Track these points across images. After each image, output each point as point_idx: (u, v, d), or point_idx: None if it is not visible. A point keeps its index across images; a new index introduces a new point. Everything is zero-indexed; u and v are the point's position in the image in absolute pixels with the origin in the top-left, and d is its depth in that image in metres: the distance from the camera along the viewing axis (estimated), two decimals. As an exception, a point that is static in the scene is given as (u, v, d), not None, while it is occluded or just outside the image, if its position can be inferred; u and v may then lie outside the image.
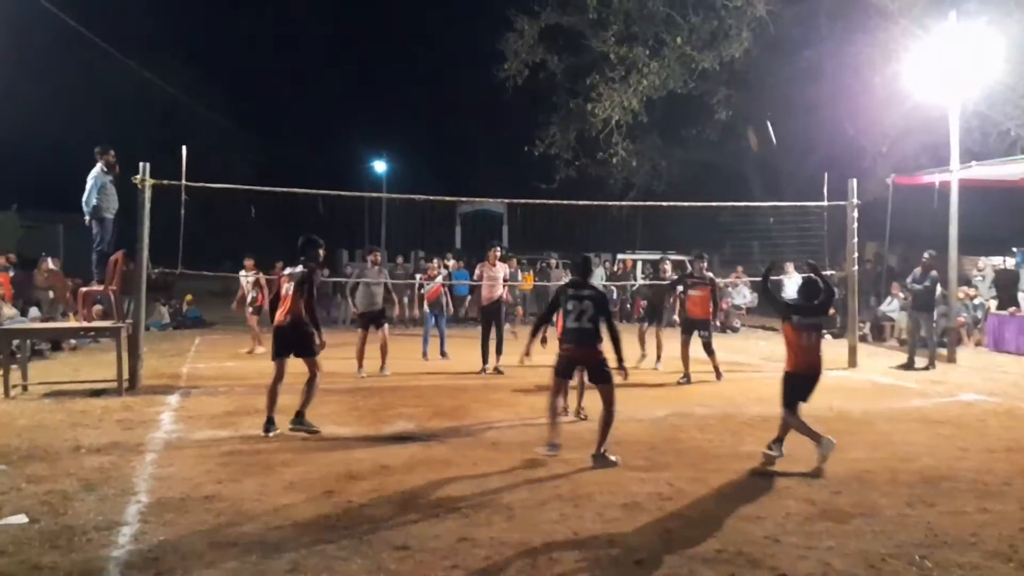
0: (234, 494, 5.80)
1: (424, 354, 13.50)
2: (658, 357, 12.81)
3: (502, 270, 12.48)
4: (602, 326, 7.02)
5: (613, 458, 6.82)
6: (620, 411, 7.41)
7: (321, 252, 8.40)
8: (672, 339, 12.61)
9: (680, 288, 12.24)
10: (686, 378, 11.49)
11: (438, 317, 13.66)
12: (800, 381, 6.99)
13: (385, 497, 5.77)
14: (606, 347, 7.01)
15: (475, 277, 12.61)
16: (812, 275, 7.34)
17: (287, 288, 8.07)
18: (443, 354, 13.55)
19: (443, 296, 13.72)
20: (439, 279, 13.93)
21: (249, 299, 14.62)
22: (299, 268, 8.11)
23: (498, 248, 12.73)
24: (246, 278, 14.66)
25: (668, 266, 13.68)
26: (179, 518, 5.26)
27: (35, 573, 4.34)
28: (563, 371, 7.17)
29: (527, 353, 7.54)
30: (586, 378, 7.94)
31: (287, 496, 5.77)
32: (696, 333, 11.73)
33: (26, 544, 4.75)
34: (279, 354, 7.99)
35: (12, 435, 7.59)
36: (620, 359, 7.02)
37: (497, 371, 11.95)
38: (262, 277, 14.61)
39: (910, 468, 6.76)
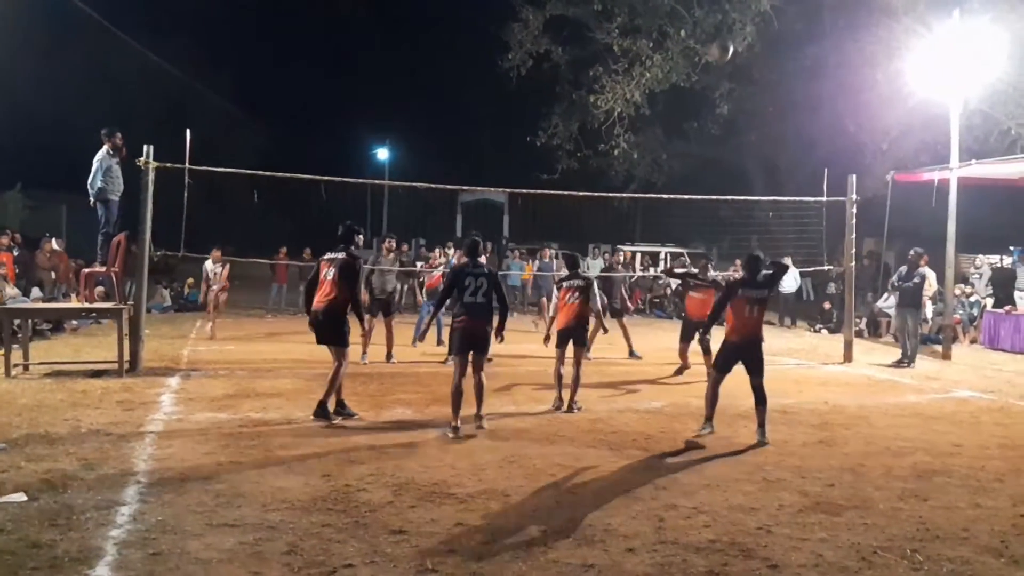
0: (233, 476, 5.84)
1: (414, 341, 13.42)
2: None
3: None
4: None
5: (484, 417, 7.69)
6: (616, 401, 7.54)
7: (360, 239, 8.65)
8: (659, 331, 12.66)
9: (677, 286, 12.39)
10: (680, 371, 11.61)
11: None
12: (732, 349, 7.69)
13: (382, 481, 5.82)
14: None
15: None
16: (757, 253, 8.03)
17: (326, 273, 8.02)
18: (440, 342, 13.58)
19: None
20: (441, 268, 13.96)
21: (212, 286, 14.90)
22: (340, 254, 8.10)
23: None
24: (213, 269, 14.88)
25: (620, 257, 13.85)
26: (178, 499, 5.30)
27: (34, 551, 4.38)
28: (461, 348, 7.74)
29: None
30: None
31: (285, 479, 5.82)
32: (698, 334, 11.65)
33: (25, 522, 4.79)
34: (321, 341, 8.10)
35: (13, 414, 7.63)
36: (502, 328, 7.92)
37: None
38: (226, 270, 15.15)
39: (903, 463, 6.81)
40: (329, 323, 7.93)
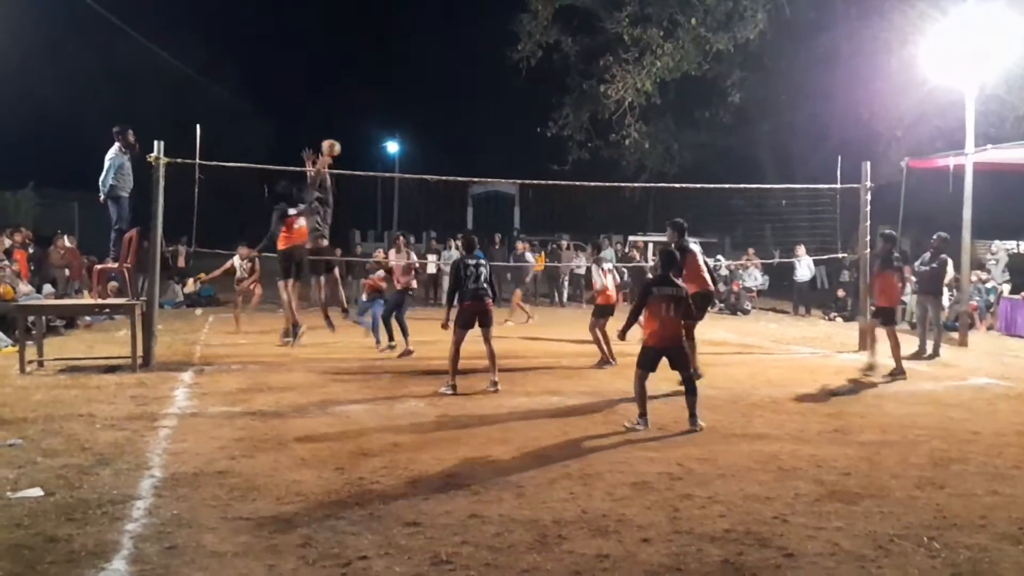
0: (247, 470, 5.86)
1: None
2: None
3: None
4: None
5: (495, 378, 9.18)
6: (629, 391, 7.57)
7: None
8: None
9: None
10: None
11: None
12: (653, 354, 7.46)
13: (396, 474, 5.82)
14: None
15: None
16: (672, 248, 8.18)
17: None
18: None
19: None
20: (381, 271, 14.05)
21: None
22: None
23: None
24: (242, 264, 14.91)
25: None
26: (192, 493, 5.32)
27: (50, 545, 4.40)
28: (467, 323, 9.20)
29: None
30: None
31: (299, 472, 5.83)
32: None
33: (42, 517, 4.81)
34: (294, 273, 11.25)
35: (28, 410, 7.67)
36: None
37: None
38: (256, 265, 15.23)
39: (920, 451, 6.76)
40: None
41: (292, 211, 11.22)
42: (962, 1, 14.20)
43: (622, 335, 7.97)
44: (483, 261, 9.35)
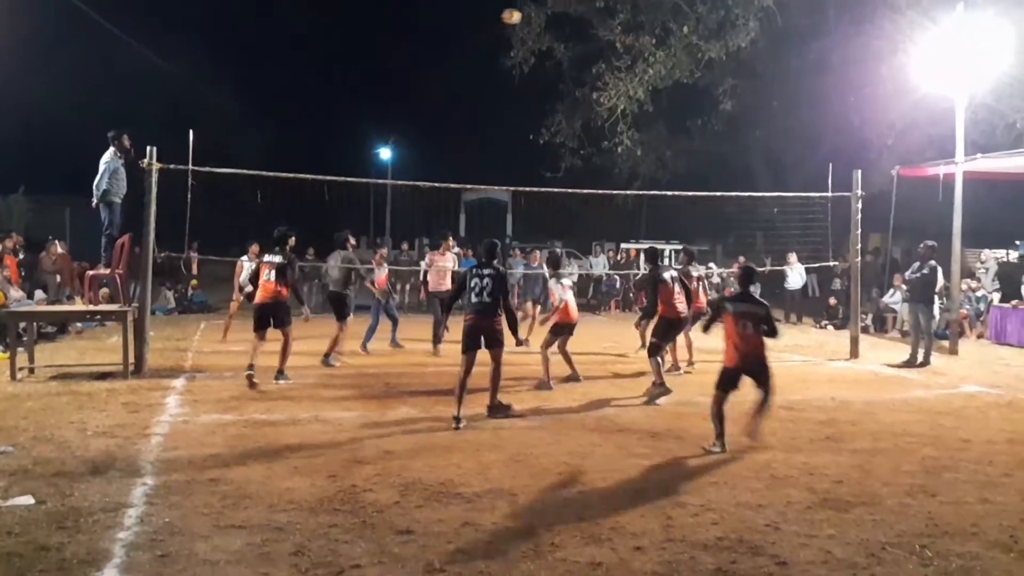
0: (239, 477, 5.84)
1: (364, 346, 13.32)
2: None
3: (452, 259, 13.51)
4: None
5: (507, 403, 8.22)
6: (621, 399, 7.57)
7: (293, 240, 10.27)
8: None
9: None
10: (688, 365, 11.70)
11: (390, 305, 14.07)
12: (733, 374, 7.20)
13: (389, 482, 5.81)
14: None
15: (425, 265, 13.47)
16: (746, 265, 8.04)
17: (267, 274, 9.79)
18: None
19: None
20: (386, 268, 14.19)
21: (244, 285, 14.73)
22: (278, 258, 9.82)
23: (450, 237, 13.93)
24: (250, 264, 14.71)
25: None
26: (185, 501, 5.30)
27: (42, 554, 4.38)
28: (470, 345, 8.03)
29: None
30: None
31: (292, 480, 5.82)
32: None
33: (33, 525, 4.80)
34: (262, 325, 9.88)
35: (19, 417, 7.65)
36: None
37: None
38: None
39: (911, 458, 6.79)
40: (274, 311, 9.84)
41: (272, 258, 10.04)
42: (952, 10, 14.28)
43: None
44: (495, 272, 8.09)
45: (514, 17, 12.98)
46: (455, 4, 44.58)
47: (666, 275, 10.06)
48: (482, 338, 7.99)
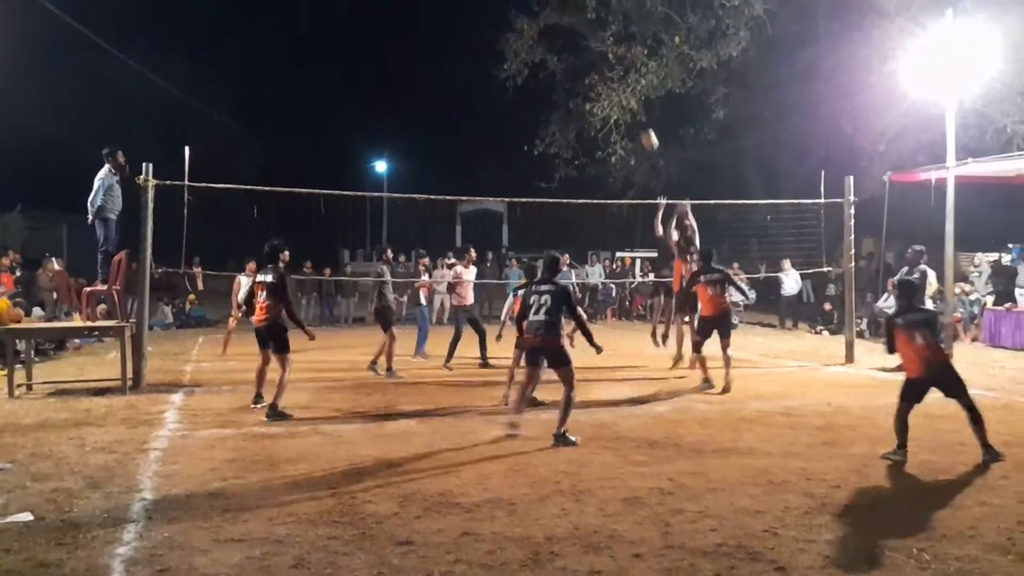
0: (238, 491, 5.85)
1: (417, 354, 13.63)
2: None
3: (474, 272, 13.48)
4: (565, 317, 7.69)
5: (573, 438, 7.39)
6: (620, 407, 7.57)
7: (286, 255, 9.53)
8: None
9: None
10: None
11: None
12: (918, 383, 7.15)
13: (388, 493, 5.82)
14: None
15: (452, 278, 13.29)
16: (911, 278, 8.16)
17: (262, 295, 8.99)
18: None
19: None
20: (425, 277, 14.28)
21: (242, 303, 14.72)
22: (269, 277, 9.04)
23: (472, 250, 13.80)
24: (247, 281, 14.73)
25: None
26: (184, 515, 5.31)
27: (41, 570, 4.38)
28: (532, 360, 7.85)
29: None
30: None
31: (291, 492, 5.83)
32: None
33: (32, 541, 4.80)
34: (263, 345, 9.15)
35: (17, 434, 7.65)
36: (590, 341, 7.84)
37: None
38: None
39: (909, 463, 6.80)
40: (271, 334, 8.99)
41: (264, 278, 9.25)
42: (941, 17, 14.36)
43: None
44: (553, 288, 7.69)
45: (652, 140, 13.24)
46: (449, 17, 44.78)
47: (703, 278, 10.87)
48: (544, 359, 7.76)
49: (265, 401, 8.91)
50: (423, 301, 13.82)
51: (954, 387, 6.99)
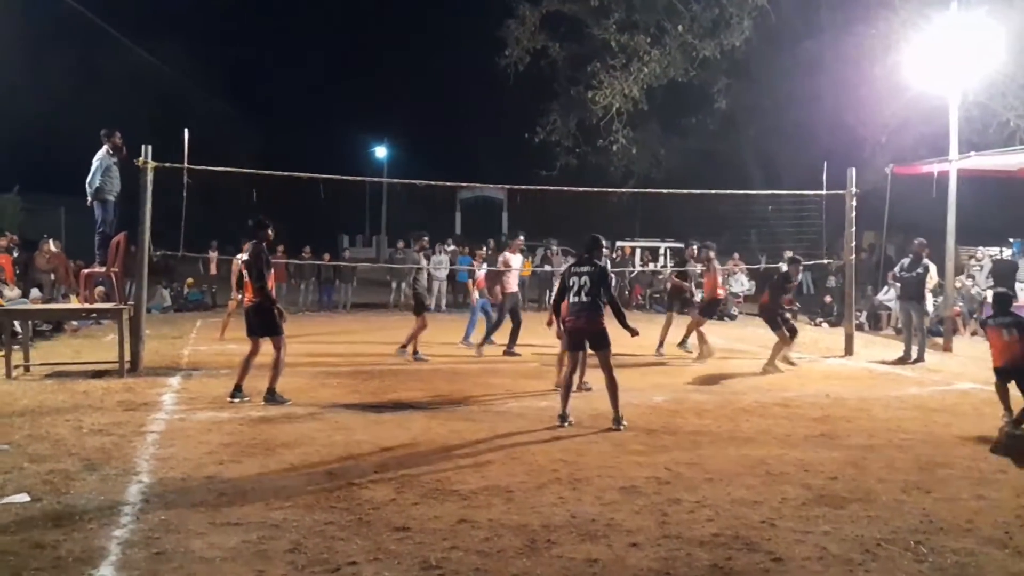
0: (235, 474, 5.84)
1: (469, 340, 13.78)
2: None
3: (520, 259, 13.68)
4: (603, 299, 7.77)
5: (625, 423, 7.59)
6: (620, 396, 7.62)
7: (270, 232, 8.99)
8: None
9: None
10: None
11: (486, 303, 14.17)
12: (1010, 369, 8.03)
13: (385, 479, 5.82)
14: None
15: (501, 264, 13.26)
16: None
17: (246, 275, 8.70)
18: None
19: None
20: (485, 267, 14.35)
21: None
22: (247, 255, 8.76)
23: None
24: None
25: (695, 251, 14.25)
26: (180, 498, 5.30)
27: (37, 551, 4.38)
28: (573, 344, 7.91)
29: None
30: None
31: (288, 477, 5.82)
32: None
33: (28, 523, 4.80)
34: (251, 333, 8.77)
35: (14, 415, 7.64)
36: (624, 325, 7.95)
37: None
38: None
39: (906, 455, 6.81)
40: (258, 317, 8.67)
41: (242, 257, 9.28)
42: (945, 9, 14.30)
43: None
44: (592, 268, 7.79)
45: None
46: (451, 3, 44.62)
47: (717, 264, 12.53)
48: (586, 341, 7.89)
49: (245, 396, 8.60)
50: (476, 296, 13.84)
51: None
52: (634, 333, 7.99)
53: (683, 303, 13.75)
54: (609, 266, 22.10)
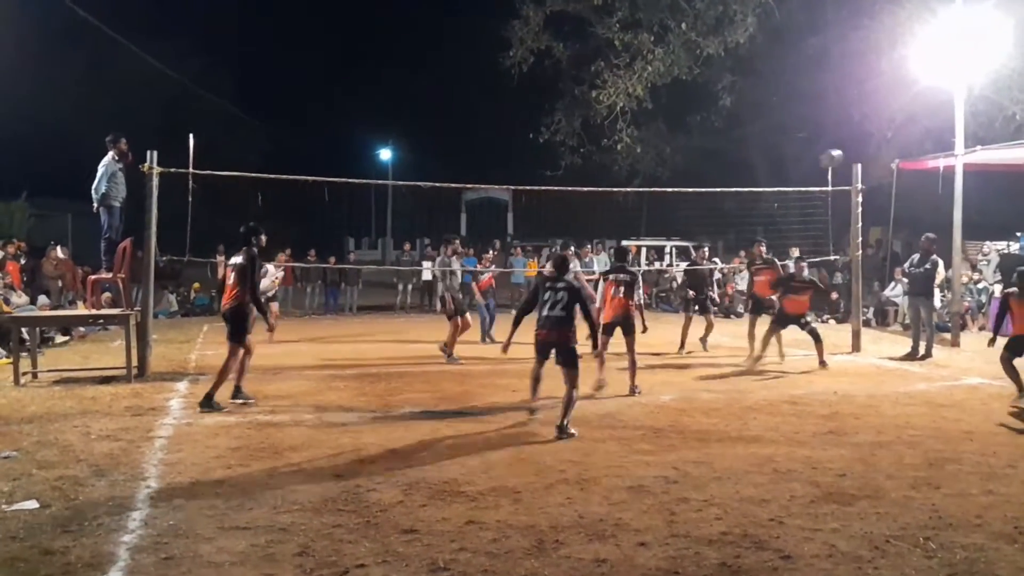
0: (243, 478, 5.85)
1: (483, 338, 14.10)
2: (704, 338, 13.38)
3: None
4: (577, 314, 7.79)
5: (573, 431, 7.34)
6: (624, 396, 7.61)
7: (263, 239, 8.98)
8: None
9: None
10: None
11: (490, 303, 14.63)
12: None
13: (392, 481, 5.82)
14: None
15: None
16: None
17: (231, 278, 8.64)
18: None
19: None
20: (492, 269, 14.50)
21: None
22: (240, 259, 8.63)
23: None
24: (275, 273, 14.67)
25: (706, 251, 14.29)
26: (189, 503, 5.31)
27: (46, 558, 4.39)
28: (541, 352, 7.88)
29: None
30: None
31: (296, 480, 5.82)
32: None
33: (37, 529, 4.80)
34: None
35: (23, 422, 7.66)
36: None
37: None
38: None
39: (915, 451, 6.78)
40: (232, 319, 8.66)
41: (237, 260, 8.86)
42: (951, 3, 14.26)
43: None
44: (568, 285, 7.86)
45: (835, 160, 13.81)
46: (455, 4, 44.64)
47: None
48: (554, 351, 7.80)
49: (249, 397, 8.70)
50: (480, 300, 14.05)
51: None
52: (595, 346, 8.49)
53: (701, 305, 13.76)
54: (607, 265, 22.21)
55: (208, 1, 41.51)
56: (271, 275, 13.69)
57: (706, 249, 14.31)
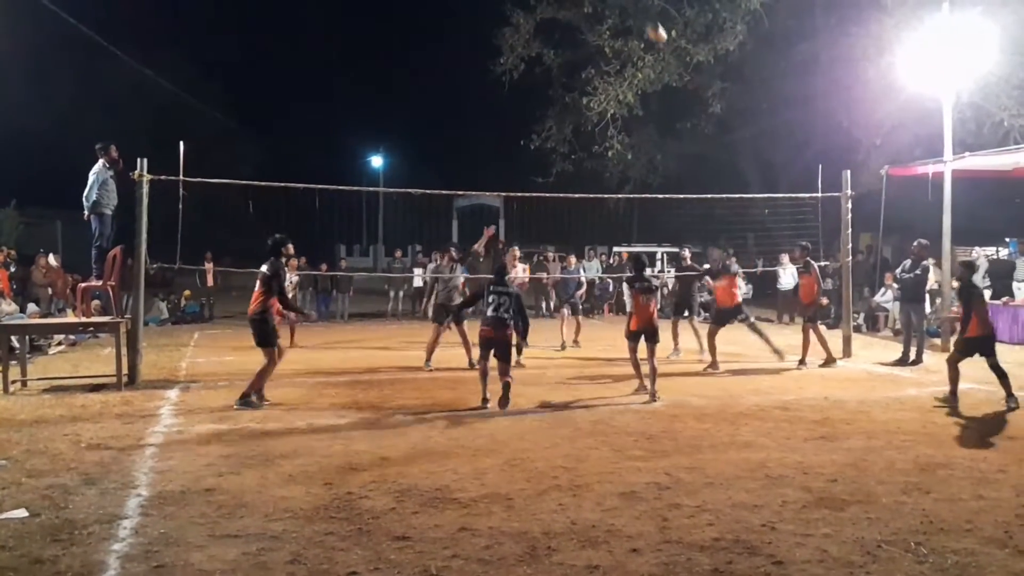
0: (234, 487, 5.83)
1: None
2: (701, 348, 13.16)
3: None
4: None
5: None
6: (618, 400, 7.58)
7: (290, 248, 9.66)
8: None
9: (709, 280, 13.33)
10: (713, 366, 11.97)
11: None
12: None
13: (385, 488, 5.81)
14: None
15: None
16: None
17: (258, 285, 9.06)
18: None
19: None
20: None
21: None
22: (265, 268, 9.06)
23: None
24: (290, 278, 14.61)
25: (687, 254, 14.29)
26: (180, 511, 5.29)
27: (36, 567, 4.37)
28: (485, 348, 9.11)
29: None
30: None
31: (287, 488, 5.80)
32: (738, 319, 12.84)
33: (27, 538, 4.78)
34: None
35: (12, 430, 7.61)
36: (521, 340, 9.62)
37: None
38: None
39: (906, 456, 6.80)
40: (256, 326, 9.02)
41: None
42: (937, 10, 14.34)
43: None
44: (513, 292, 9.24)
45: (660, 34, 13.71)
46: (445, 12, 44.72)
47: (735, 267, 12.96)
48: (493, 348, 9.04)
49: (267, 400, 9.09)
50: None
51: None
52: (519, 350, 9.89)
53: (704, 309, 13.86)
54: (599, 271, 22.21)
55: (199, 10, 41.50)
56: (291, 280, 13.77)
57: (687, 252, 14.30)
